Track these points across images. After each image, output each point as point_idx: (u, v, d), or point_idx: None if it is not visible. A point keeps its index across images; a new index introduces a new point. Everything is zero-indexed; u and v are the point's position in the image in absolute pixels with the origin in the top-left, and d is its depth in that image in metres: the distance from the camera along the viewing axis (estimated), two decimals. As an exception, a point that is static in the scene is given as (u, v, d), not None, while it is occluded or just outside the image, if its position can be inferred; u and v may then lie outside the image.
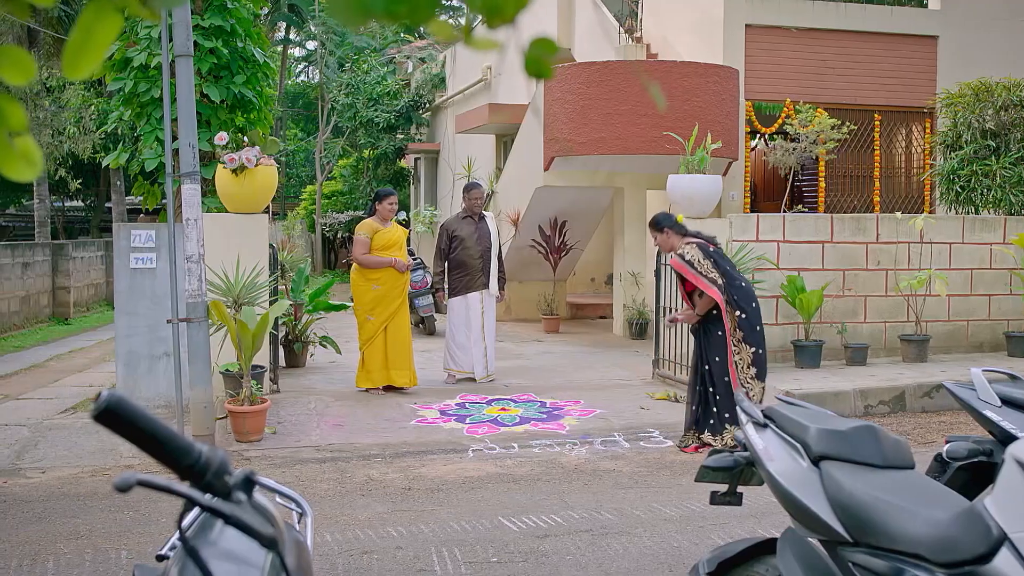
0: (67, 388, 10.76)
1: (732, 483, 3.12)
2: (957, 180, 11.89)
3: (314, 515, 5.90)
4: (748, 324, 7.41)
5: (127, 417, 1.50)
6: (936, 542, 2.21)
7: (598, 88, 12.79)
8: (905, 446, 2.70)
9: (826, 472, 2.60)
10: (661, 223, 7.77)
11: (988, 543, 2.08)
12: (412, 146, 25.18)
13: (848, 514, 2.47)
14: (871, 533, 2.39)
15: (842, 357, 10.37)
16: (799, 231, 10.49)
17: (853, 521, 2.46)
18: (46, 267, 17.95)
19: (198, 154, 9.51)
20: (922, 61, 14.78)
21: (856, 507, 2.44)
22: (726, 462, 3.05)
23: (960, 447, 3.38)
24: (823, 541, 2.58)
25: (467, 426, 8.38)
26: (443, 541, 5.35)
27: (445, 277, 10.38)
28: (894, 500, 2.38)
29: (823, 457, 2.65)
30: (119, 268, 9.02)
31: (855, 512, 2.45)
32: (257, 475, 2.70)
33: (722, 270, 7.43)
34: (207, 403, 7.59)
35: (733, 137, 13.23)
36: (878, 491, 2.45)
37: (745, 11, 14.08)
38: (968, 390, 3.65)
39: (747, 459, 2.98)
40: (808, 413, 2.90)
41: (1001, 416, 3.43)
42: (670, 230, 7.74)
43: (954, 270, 10.90)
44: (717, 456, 3.11)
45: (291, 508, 2.67)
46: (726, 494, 3.16)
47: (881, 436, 2.66)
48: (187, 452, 1.53)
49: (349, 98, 25.51)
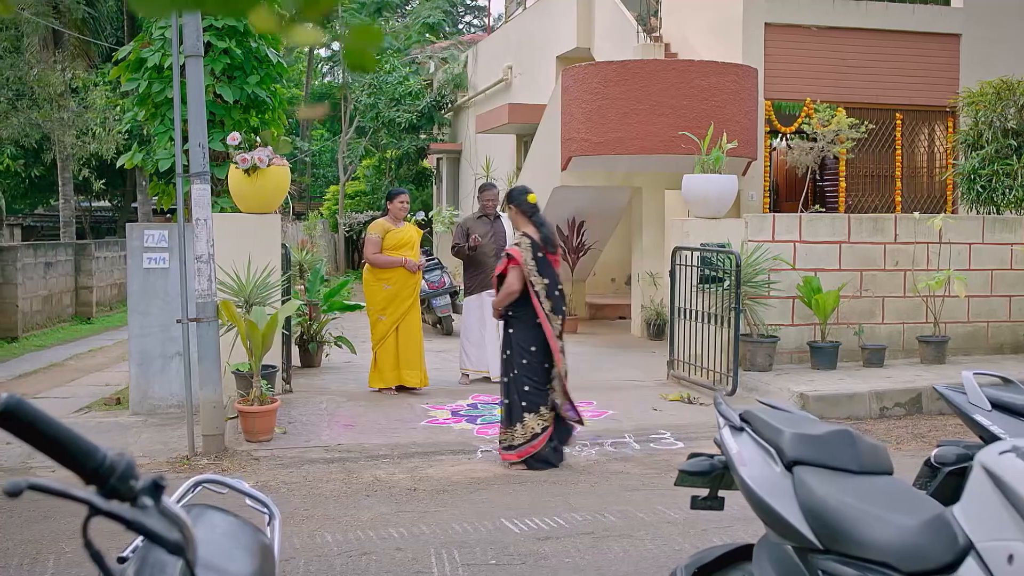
0: (83, 387, 10.84)
1: (712, 487, 3.07)
2: (978, 180, 11.73)
3: (318, 515, 5.91)
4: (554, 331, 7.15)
5: (26, 419, 1.48)
6: (904, 550, 2.15)
7: (615, 88, 12.73)
8: (883, 451, 2.64)
9: (798, 477, 2.55)
10: (511, 199, 7.50)
11: (955, 552, 2.03)
12: (434, 146, 25.22)
13: (819, 521, 2.42)
14: (841, 540, 2.33)
15: (859, 359, 10.26)
16: (816, 231, 10.39)
17: (823, 528, 2.40)
18: (69, 267, 18.09)
19: (209, 154, 9.59)
20: (944, 59, 14.62)
21: (827, 513, 2.39)
22: (702, 466, 3.00)
23: (948, 452, 3.31)
24: (795, 548, 2.53)
25: (478, 427, 8.34)
26: (443, 543, 5.33)
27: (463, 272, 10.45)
28: (865, 507, 2.33)
29: (796, 462, 2.59)
30: (132, 268, 9.06)
31: (825, 519, 2.39)
32: (225, 477, 2.69)
33: (546, 279, 7.15)
34: (216, 403, 7.60)
35: (752, 137, 13.13)
36: (850, 497, 2.39)
37: (765, 10, 13.98)
38: (959, 394, 3.58)
39: (725, 463, 2.93)
40: (786, 417, 2.85)
41: (990, 420, 3.36)
42: (515, 208, 7.42)
43: (974, 270, 10.75)
44: (694, 460, 3.06)
45: (261, 511, 2.65)
46: (707, 498, 3.11)
47: (857, 441, 2.61)
48: (91, 455, 1.50)
49: (371, 98, 25.56)
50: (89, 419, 8.85)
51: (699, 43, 15.03)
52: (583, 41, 17.15)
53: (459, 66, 25.03)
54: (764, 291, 9.99)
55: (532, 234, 7.25)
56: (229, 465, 7.19)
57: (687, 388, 9.78)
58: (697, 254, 9.90)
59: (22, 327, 15.43)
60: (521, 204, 7.37)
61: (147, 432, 8.30)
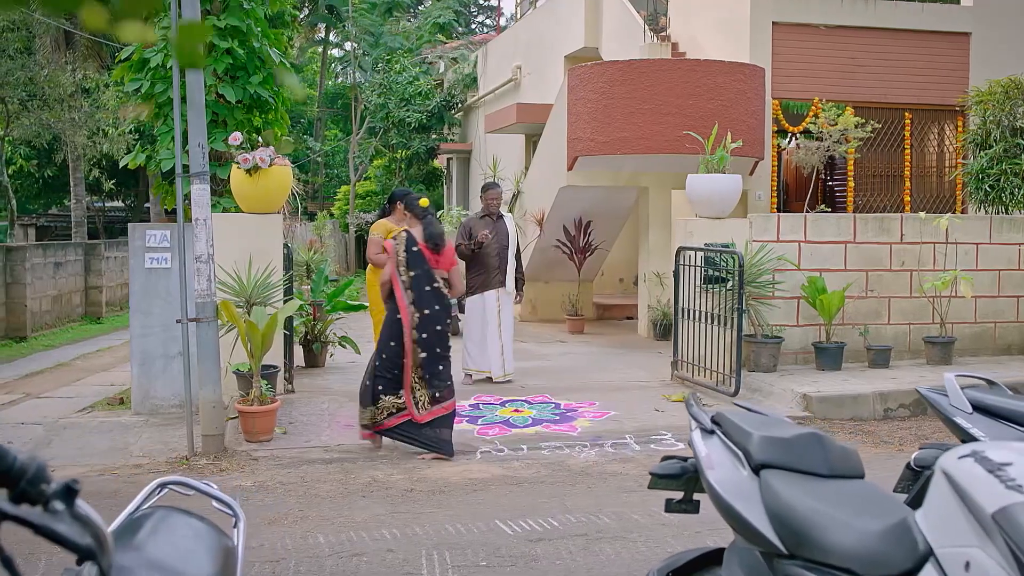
0: (89, 387, 10.87)
1: (687, 491, 3.03)
2: (986, 179, 11.64)
3: (312, 516, 5.89)
4: (423, 326, 7.34)
5: None
6: (866, 556, 2.11)
7: (621, 87, 12.69)
8: (853, 454, 2.60)
9: (765, 481, 2.50)
10: (401, 199, 8.07)
11: (914, 558, 1.99)
12: (444, 146, 25.22)
13: (783, 525, 2.38)
14: (805, 545, 2.29)
15: (864, 359, 10.20)
16: (821, 231, 10.33)
17: (788, 533, 2.36)
18: (79, 267, 18.17)
19: (212, 154, 9.60)
20: (954, 58, 14.53)
21: (792, 518, 2.35)
22: (673, 469, 2.97)
23: (929, 455, 3.26)
24: (763, 553, 2.49)
25: (478, 427, 8.33)
26: (435, 544, 5.31)
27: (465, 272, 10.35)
28: (831, 511, 2.29)
29: (764, 465, 2.55)
30: (134, 268, 9.08)
31: (790, 523, 2.35)
32: (190, 479, 2.68)
33: (413, 272, 7.42)
34: (216, 403, 7.60)
35: (759, 136, 13.07)
36: (817, 501, 2.35)
37: (772, 9, 13.92)
38: (940, 396, 3.53)
39: (696, 466, 2.89)
40: (757, 419, 2.81)
41: (971, 423, 3.31)
42: (408, 211, 7.91)
43: (981, 271, 10.67)
44: (665, 463, 3.03)
45: (227, 512, 2.64)
46: (681, 502, 3.07)
47: (827, 444, 2.57)
48: (0, 458, 1.48)
49: (381, 98, 25.58)
50: (91, 419, 8.88)
51: (707, 43, 14.97)
52: (591, 41, 17.12)
53: (469, 66, 25.02)
54: (768, 291, 9.93)
55: (415, 231, 7.57)
56: (227, 465, 7.19)
57: (691, 389, 9.73)
58: (701, 254, 9.85)
59: (31, 327, 15.50)
60: (413, 207, 7.81)
61: (148, 432, 8.31)
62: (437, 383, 7.37)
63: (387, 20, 32.87)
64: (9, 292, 15.21)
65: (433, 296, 7.39)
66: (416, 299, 7.35)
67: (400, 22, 33.71)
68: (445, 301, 7.50)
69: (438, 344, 7.40)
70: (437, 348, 7.39)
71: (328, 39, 39.80)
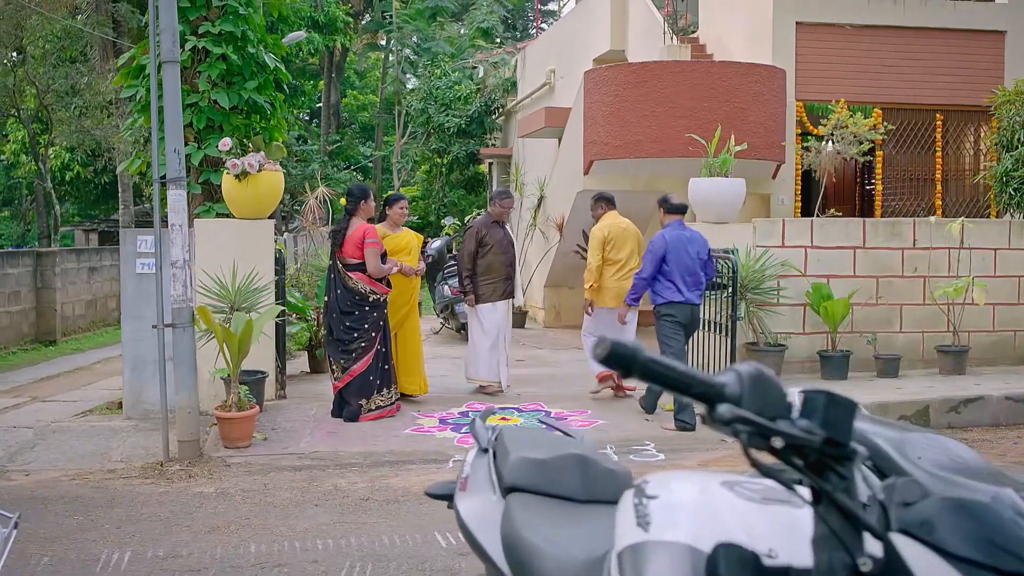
0: (96, 391, 10.99)
1: None
2: (1011, 182, 11.20)
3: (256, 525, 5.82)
4: None
5: None
6: None
7: (635, 90, 12.49)
8: (622, 478, 2.43)
9: (508, 506, 2.35)
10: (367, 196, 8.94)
11: None
12: (484, 151, 25.11)
13: (512, 555, 2.22)
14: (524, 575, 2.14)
15: (874, 369, 9.87)
16: (828, 236, 10.03)
17: (514, 563, 2.20)
18: (115, 271, 18.43)
19: (207, 160, 9.64)
20: (988, 58, 14.04)
21: (519, 548, 2.18)
22: (446, 489, 2.82)
23: None
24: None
25: (460, 436, 8.20)
26: (364, 556, 5.20)
27: (475, 281, 9.95)
28: (560, 541, 2.12)
29: (513, 488, 2.40)
30: (125, 273, 9.14)
31: (517, 553, 2.19)
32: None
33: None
34: (191, 408, 7.60)
35: (779, 139, 12.76)
36: (553, 529, 2.18)
37: (795, 9, 13.59)
38: None
39: None
40: (537, 438, 2.64)
41: None
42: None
43: (999, 277, 10.28)
44: (439, 483, 2.88)
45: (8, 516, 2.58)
46: None
47: (589, 468, 2.39)
48: None
49: (422, 103, 25.60)
50: (84, 423, 8.95)
51: (733, 44, 14.69)
52: (617, 43, 16.88)
53: (509, 70, 24.92)
54: (772, 298, 9.68)
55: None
56: (198, 471, 7.18)
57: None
58: (700, 260, 9.61)
59: (61, 331, 15.74)
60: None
61: (134, 437, 8.35)
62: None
63: (430, 26, 32.91)
64: (39, 297, 15.47)
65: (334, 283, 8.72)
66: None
67: (444, 27, 33.68)
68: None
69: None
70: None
71: (389, 46, 39.92)
